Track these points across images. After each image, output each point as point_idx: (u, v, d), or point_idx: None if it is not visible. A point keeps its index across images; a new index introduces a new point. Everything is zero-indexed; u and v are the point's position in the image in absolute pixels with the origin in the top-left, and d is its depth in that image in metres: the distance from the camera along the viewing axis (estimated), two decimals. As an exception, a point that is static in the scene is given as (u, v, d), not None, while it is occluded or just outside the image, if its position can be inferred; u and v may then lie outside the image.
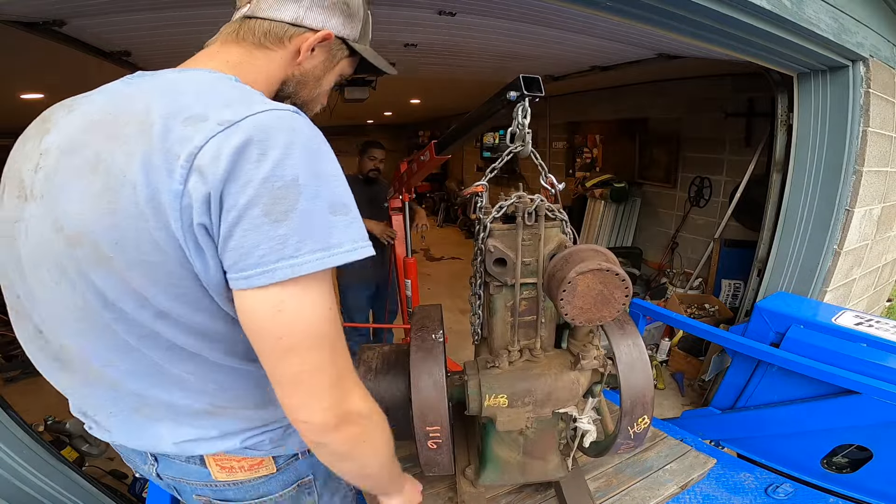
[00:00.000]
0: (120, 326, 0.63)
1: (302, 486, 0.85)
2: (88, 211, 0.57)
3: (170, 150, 0.55)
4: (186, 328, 0.64)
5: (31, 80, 3.08)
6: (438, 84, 4.72)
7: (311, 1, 0.72)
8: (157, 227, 0.56)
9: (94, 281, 0.60)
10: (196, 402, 0.71)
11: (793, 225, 2.45)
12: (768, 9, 1.54)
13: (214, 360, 0.68)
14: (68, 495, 1.54)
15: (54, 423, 2.65)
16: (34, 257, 0.62)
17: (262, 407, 0.75)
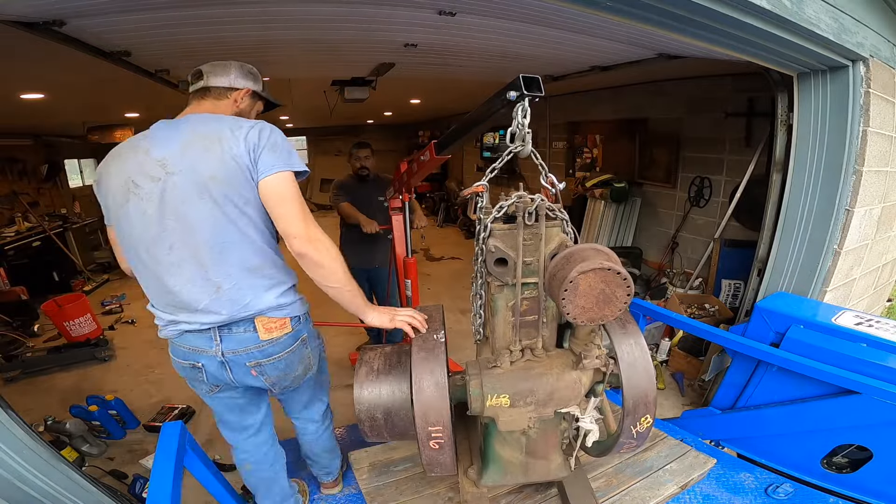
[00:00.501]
0: (225, 215, 1.27)
1: (302, 340, 1.50)
2: (213, 167, 1.25)
3: (237, 136, 1.27)
4: (248, 217, 1.32)
5: (31, 80, 3.08)
6: (438, 84, 4.72)
7: (235, 74, 1.48)
8: (237, 166, 1.26)
9: (216, 193, 1.26)
10: (254, 267, 1.35)
11: (793, 225, 2.45)
12: (768, 9, 1.54)
13: (257, 241, 1.35)
14: (68, 495, 1.53)
15: (54, 424, 2.65)
16: (186, 194, 1.25)
17: (281, 270, 1.42)
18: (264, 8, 1.91)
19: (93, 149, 7.81)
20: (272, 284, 1.38)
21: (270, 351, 1.41)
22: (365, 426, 1.46)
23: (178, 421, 1.48)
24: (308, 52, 2.76)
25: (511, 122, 1.37)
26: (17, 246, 5.48)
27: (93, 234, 7.24)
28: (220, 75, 1.43)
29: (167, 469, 1.26)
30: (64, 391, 3.42)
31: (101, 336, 4.16)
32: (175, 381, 3.53)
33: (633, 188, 4.91)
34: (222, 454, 2.67)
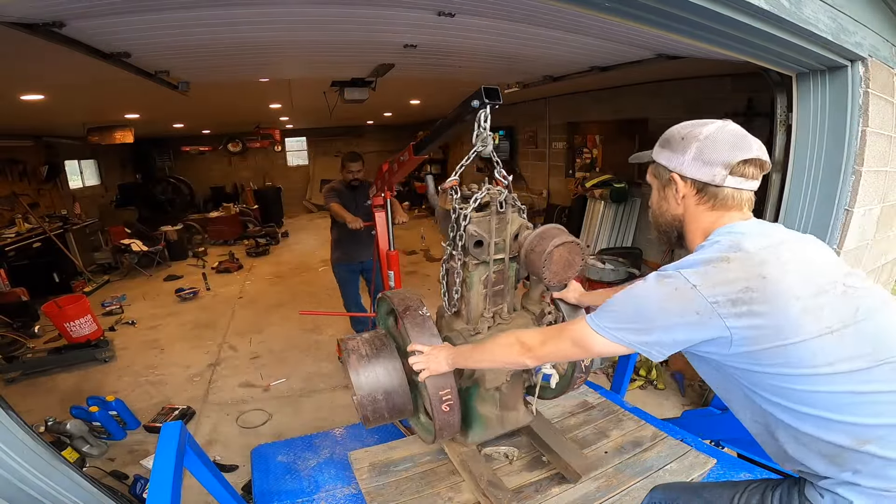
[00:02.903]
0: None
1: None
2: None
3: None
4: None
5: (31, 81, 3.09)
6: (438, 84, 4.72)
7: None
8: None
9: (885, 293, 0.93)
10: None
11: (792, 225, 2.45)
12: (767, 9, 1.54)
13: None
14: (69, 496, 1.54)
15: (55, 424, 2.65)
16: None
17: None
18: (264, 9, 1.92)
19: (93, 150, 7.83)
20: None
21: None
22: (367, 410, 1.57)
23: (178, 421, 1.48)
24: (308, 53, 2.76)
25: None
26: (18, 247, 5.48)
27: (93, 234, 7.26)
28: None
29: (167, 469, 1.26)
30: (64, 392, 3.42)
31: (101, 337, 4.16)
32: (175, 382, 3.55)
33: (633, 188, 4.91)
34: (222, 454, 2.68)
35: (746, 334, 0.85)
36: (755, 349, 0.86)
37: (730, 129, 0.96)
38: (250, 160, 11.17)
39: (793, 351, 0.84)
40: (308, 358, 3.80)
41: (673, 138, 1.02)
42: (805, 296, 0.85)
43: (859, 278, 0.92)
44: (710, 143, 0.95)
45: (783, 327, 0.84)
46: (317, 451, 2.43)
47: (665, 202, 1.06)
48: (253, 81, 3.75)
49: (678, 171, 0.99)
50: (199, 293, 5.66)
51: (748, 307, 0.84)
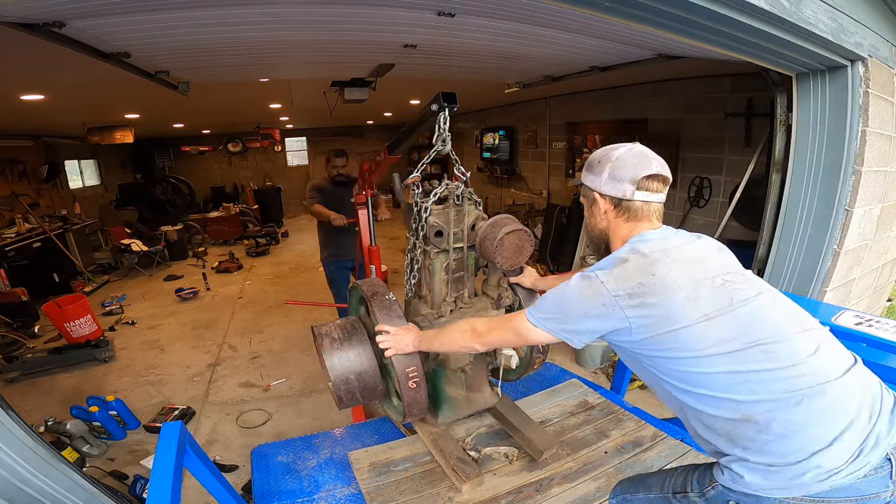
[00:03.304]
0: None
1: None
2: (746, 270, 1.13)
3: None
4: None
5: (31, 81, 3.09)
6: (438, 84, 4.71)
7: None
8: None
9: (768, 286, 1.10)
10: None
11: (792, 225, 2.45)
12: (767, 9, 1.54)
13: None
14: (69, 496, 1.54)
15: (55, 424, 2.65)
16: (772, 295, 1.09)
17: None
18: (264, 9, 1.92)
19: (93, 150, 7.83)
20: None
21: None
22: (341, 391, 1.69)
23: (178, 421, 1.48)
24: (308, 53, 2.76)
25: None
26: (18, 247, 5.48)
27: (93, 234, 7.26)
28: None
29: (167, 469, 1.26)
30: (64, 392, 3.42)
31: (101, 337, 4.16)
32: (175, 382, 3.55)
33: (633, 188, 4.91)
34: (222, 454, 2.68)
35: (642, 322, 1.02)
36: (651, 336, 1.02)
37: (635, 151, 1.15)
38: (250, 160, 11.17)
39: (680, 335, 0.99)
40: (308, 358, 3.79)
41: (593, 162, 1.20)
42: (687, 287, 1.00)
43: (739, 274, 1.09)
44: (619, 163, 1.13)
45: (670, 315, 0.99)
46: (317, 451, 2.43)
47: (593, 218, 1.24)
48: (253, 81, 3.75)
49: (598, 190, 1.18)
50: (199, 293, 5.66)
51: (642, 299, 1.01)
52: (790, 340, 0.99)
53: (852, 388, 0.98)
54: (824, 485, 0.92)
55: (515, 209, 6.93)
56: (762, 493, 0.96)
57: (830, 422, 0.93)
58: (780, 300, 1.08)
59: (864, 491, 0.93)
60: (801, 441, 0.93)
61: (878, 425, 0.95)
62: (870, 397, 0.98)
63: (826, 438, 0.92)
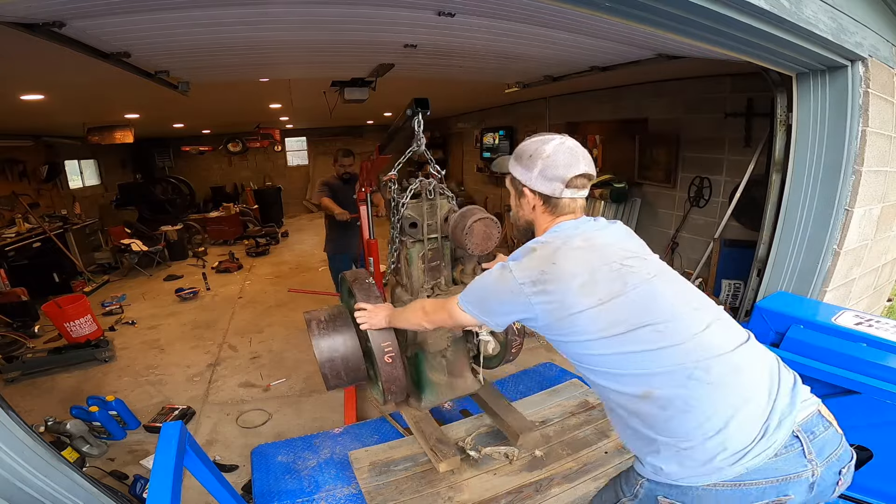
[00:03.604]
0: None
1: None
2: (651, 255, 1.18)
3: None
4: None
5: (31, 81, 3.09)
6: (438, 84, 4.72)
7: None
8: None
9: (669, 271, 1.15)
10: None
11: (792, 225, 2.45)
12: (767, 9, 1.54)
13: None
14: (69, 496, 1.54)
15: (55, 424, 2.65)
16: (672, 277, 1.15)
17: None
18: (264, 9, 1.92)
19: (93, 150, 7.83)
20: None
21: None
22: (326, 369, 1.84)
23: (178, 421, 1.48)
24: (308, 53, 2.76)
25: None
26: (18, 247, 5.48)
27: (93, 234, 7.26)
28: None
29: (167, 469, 1.26)
30: (64, 392, 3.42)
31: (101, 337, 4.16)
32: (175, 382, 3.54)
33: (633, 188, 4.91)
34: (222, 454, 2.68)
35: (544, 308, 1.08)
36: (553, 321, 1.08)
37: (566, 147, 1.20)
38: (250, 160, 11.16)
39: (577, 320, 1.05)
40: (308, 358, 3.79)
41: (524, 155, 1.22)
42: (584, 274, 1.06)
43: (639, 259, 1.13)
44: (551, 162, 1.17)
45: (566, 301, 1.05)
46: (317, 451, 2.43)
47: (521, 210, 1.28)
48: (253, 81, 3.75)
49: (529, 186, 1.21)
50: (199, 293, 5.66)
51: (543, 286, 1.07)
52: (680, 319, 1.04)
53: (744, 364, 1.02)
54: (738, 467, 0.93)
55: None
56: (683, 483, 0.98)
57: (723, 397, 0.97)
58: (676, 283, 1.13)
59: (781, 471, 0.95)
60: (699, 417, 0.96)
61: (778, 402, 0.98)
62: (766, 374, 1.02)
63: (723, 415, 0.95)
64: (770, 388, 1.00)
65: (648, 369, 1.01)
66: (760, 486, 0.94)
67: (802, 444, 0.97)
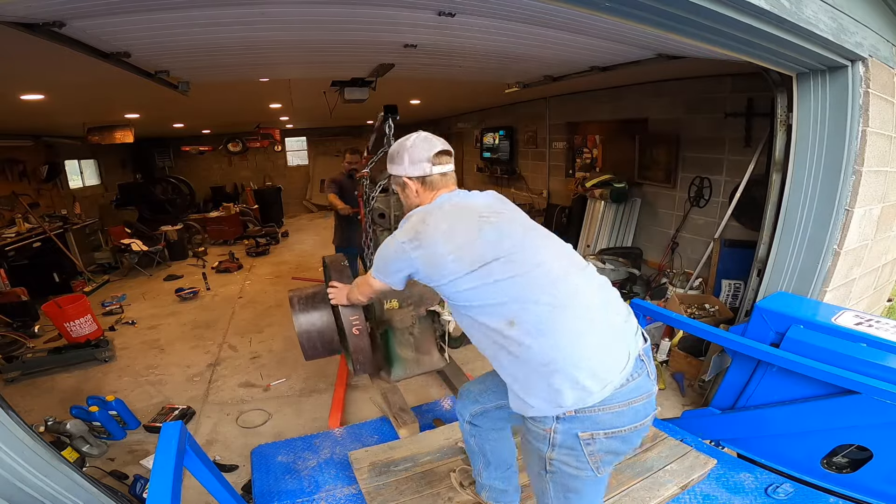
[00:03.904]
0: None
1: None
2: (513, 211, 1.41)
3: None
4: None
5: (31, 81, 3.08)
6: (438, 84, 4.72)
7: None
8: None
9: (525, 221, 1.39)
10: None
11: (793, 225, 2.45)
12: (767, 9, 1.54)
13: None
14: (69, 496, 1.54)
15: (55, 424, 2.65)
16: (531, 226, 1.38)
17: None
18: (264, 9, 1.92)
19: (93, 150, 7.82)
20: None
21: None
22: (303, 339, 2.15)
23: (178, 421, 1.48)
24: (307, 53, 2.76)
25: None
26: (18, 247, 5.48)
27: (93, 234, 7.25)
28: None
29: (167, 469, 1.26)
30: (64, 392, 3.42)
31: (101, 337, 4.16)
32: (175, 382, 3.54)
33: (633, 188, 4.91)
34: (222, 454, 2.68)
35: (421, 259, 1.30)
36: (430, 269, 1.30)
37: (422, 137, 1.45)
38: (250, 160, 11.16)
39: (444, 265, 1.26)
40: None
41: (393, 156, 1.47)
42: (447, 228, 1.29)
43: (496, 213, 1.35)
44: (413, 149, 1.42)
45: (435, 251, 1.27)
46: (317, 451, 2.43)
47: (408, 199, 1.49)
48: (253, 81, 3.75)
49: (405, 175, 1.43)
50: (199, 293, 5.66)
51: (418, 242, 1.30)
52: (526, 250, 1.25)
53: (590, 292, 1.23)
54: (604, 392, 1.12)
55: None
56: (580, 411, 1.14)
57: (574, 321, 1.16)
58: (529, 227, 1.36)
59: (643, 390, 1.18)
60: (554, 339, 1.15)
61: (628, 330, 1.21)
62: (613, 303, 1.25)
63: (579, 339, 1.15)
64: (620, 315, 1.22)
65: (506, 295, 1.20)
66: (640, 401, 1.17)
67: (647, 366, 1.20)
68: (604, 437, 1.14)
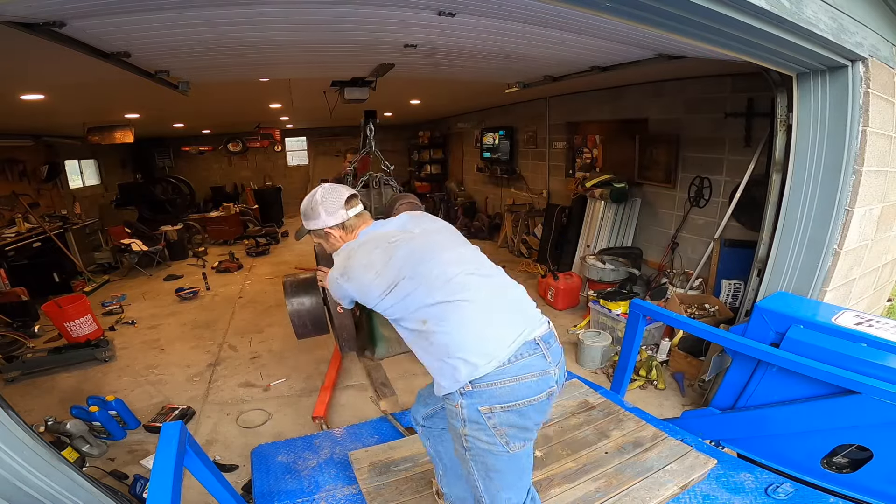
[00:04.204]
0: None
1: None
2: (440, 228, 1.61)
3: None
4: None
5: (31, 81, 3.08)
6: (438, 84, 4.71)
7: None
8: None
9: (458, 237, 1.60)
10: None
11: (793, 225, 2.45)
12: (767, 9, 1.54)
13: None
14: (69, 496, 1.54)
15: (55, 424, 2.65)
16: (433, 240, 1.53)
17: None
18: (264, 9, 1.92)
19: (93, 150, 7.82)
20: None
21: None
22: (294, 318, 2.49)
23: (178, 421, 1.48)
24: (308, 53, 2.76)
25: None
26: (18, 247, 5.48)
27: (93, 234, 7.25)
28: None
29: (167, 469, 1.26)
30: (64, 392, 3.42)
31: (101, 337, 4.16)
32: (175, 382, 3.55)
33: (633, 188, 4.91)
34: (222, 454, 2.68)
35: (352, 289, 1.52)
36: (361, 296, 1.51)
37: (328, 188, 1.62)
38: (250, 160, 11.16)
39: (371, 290, 1.46)
40: (308, 357, 3.79)
41: (307, 212, 1.61)
42: (366, 259, 1.49)
43: (405, 233, 1.53)
44: (325, 202, 1.57)
45: (361, 281, 1.48)
46: (317, 451, 2.43)
47: (333, 246, 1.64)
48: (253, 81, 3.75)
49: (326, 227, 1.58)
50: (199, 293, 5.66)
51: (347, 276, 1.51)
52: (426, 262, 1.43)
53: (491, 287, 1.44)
54: (489, 366, 1.31)
55: (515, 209, 6.93)
56: (480, 384, 1.32)
57: (474, 312, 1.37)
58: (435, 243, 1.51)
59: (536, 368, 1.35)
60: (451, 328, 1.36)
61: (523, 318, 1.40)
62: (513, 296, 1.47)
63: (481, 326, 1.36)
64: (518, 307, 1.44)
65: (416, 305, 1.40)
66: (536, 376, 1.34)
67: (542, 350, 1.37)
68: (501, 411, 1.32)
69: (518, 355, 1.33)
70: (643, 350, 3.40)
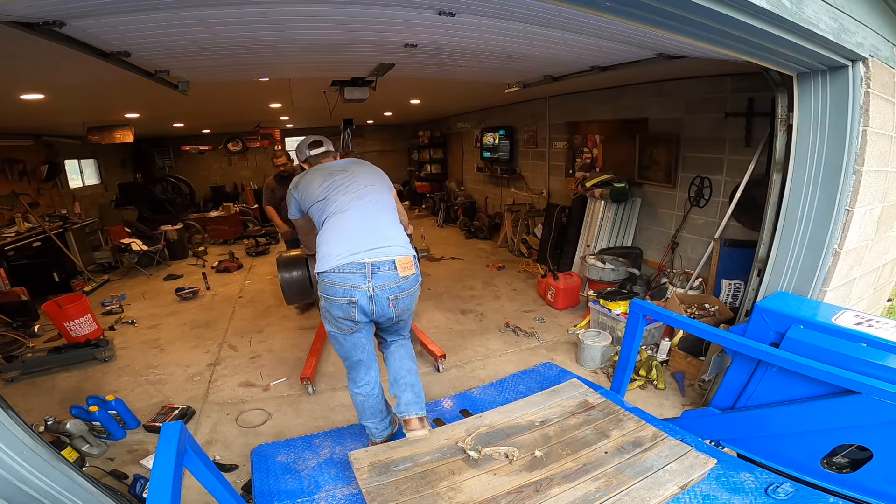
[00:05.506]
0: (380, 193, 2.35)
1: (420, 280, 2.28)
2: (370, 174, 2.39)
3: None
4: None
5: (31, 80, 3.08)
6: (438, 84, 4.71)
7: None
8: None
9: (375, 180, 2.37)
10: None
11: (793, 225, 2.45)
12: (768, 9, 1.54)
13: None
14: (68, 495, 1.54)
15: (55, 424, 2.65)
16: (361, 180, 2.31)
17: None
18: (264, 9, 1.91)
19: (93, 149, 7.82)
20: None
21: (405, 286, 2.12)
22: (284, 284, 3.27)
23: (178, 421, 1.48)
24: (308, 52, 2.76)
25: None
26: (18, 246, 5.48)
27: (93, 234, 7.25)
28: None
29: (167, 469, 1.26)
30: (64, 391, 3.42)
31: (101, 336, 4.16)
32: (175, 382, 3.55)
33: (633, 188, 4.91)
34: (222, 454, 2.68)
35: (299, 195, 2.32)
36: (303, 202, 2.30)
37: (305, 138, 2.53)
38: (250, 160, 11.16)
39: (310, 197, 2.25)
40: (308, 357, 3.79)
41: (297, 151, 2.57)
42: (315, 182, 2.26)
43: (343, 172, 2.29)
44: (301, 146, 2.52)
45: (306, 195, 2.27)
46: (317, 451, 2.43)
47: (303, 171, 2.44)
48: (253, 81, 3.75)
49: (299, 161, 2.57)
50: (199, 293, 5.66)
51: (297, 190, 2.32)
52: (342, 190, 2.19)
53: (362, 217, 2.15)
54: (342, 261, 2.00)
55: (515, 209, 6.93)
56: (320, 272, 2.07)
57: (341, 229, 2.10)
58: (358, 181, 2.25)
59: (350, 281, 2.01)
60: (331, 230, 2.12)
61: (367, 244, 2.04)
62: (374, 225, 2.13)
63: (340, 238, 2.08)
64: (371, 239, 2.06)
65: (322, 216, 2.18)
66: (345, 287, 2.01)
67: (365, 271, 2.00)
68: (323, 299, 2.08)
69: (343, 268, 1.99)
70: (643, 350, 3.40)
